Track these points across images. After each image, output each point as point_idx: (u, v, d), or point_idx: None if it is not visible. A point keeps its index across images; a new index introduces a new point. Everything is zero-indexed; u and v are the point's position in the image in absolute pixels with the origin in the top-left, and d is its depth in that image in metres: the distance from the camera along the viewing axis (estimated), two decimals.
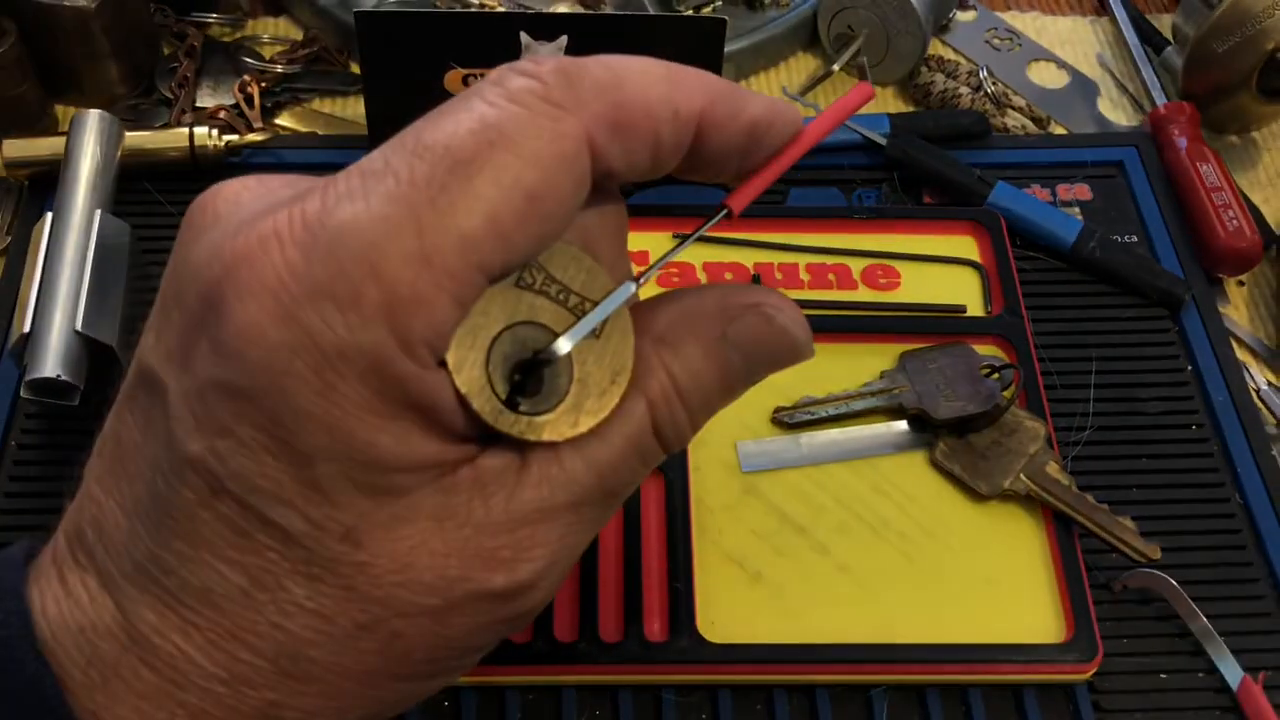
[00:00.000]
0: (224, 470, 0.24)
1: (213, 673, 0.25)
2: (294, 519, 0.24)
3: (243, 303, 0.23)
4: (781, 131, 0.29)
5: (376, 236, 0.23)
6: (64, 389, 0.45)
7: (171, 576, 0.25)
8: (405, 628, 0.26)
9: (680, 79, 0.27)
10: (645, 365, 0.28)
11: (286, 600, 0.25)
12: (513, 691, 0.42)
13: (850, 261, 0.53)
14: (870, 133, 0.58)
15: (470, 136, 0.24)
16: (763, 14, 0.65)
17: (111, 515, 0.26)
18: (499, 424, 0.26)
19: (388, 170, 0.24)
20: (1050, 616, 0.44)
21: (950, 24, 0.67)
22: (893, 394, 0.48)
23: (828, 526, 0.46)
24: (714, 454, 0.47)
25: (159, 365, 0.25)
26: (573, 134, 0.25)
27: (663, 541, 0.44)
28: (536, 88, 0.25)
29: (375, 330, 0.23)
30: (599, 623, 0.42)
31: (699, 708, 0.42)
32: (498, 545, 0.26)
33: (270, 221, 0.24)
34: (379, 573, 0.25)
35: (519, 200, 0.24)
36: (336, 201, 0.24)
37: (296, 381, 0.23)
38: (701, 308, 0.29)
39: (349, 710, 0.27)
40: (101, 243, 0.48)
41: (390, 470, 0.24)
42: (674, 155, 0.27)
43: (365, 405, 0.24)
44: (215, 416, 0.24)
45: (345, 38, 0.63)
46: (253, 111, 0.59)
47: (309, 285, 0.23)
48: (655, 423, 0.28)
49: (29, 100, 0.57)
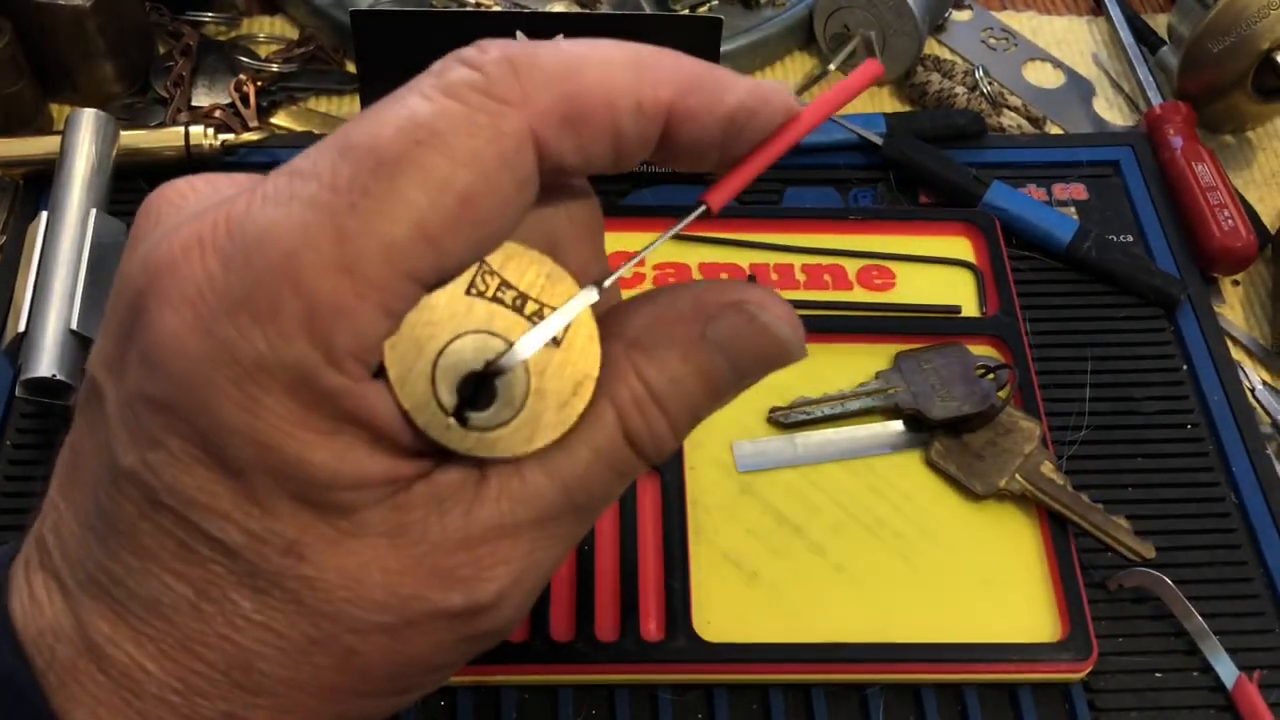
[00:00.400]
0: (158, 483, 0.23)
1: (165, 682, 0.25)
2: (232, 532, 0.23)
3: (163, 314, 0.23)
4: (768, 119, 0.26)
5: (294, 244, 0.22)
6: (59, 388, 0.45)
7: (120, 587, 0.24)
8: (360, 644, 0.25)
9: (647, 66, 0.24)
10: (615, 371, 0.26)
11: (234, 613, 0.24)
12: (509, 691, 0.42)
13: (845, 262, 0.53)
14: (866, 132, 0.58)
15: (397, 135, 0.23)
16: (759, 13, 0.65)
17: (68, 524, 0.25)
18: (447, 440, 0.24)
19: (314, 172, 0.23)
20: (1045, 616, 0.44)
21: (946, 24, 0.67)
22: (888, 394, 0.48)
23: (823, 526, 0.46)
24: (710, 454, 0.47)
25: (99, 373, 0.25)
26: (513, 132, 0.23)
27: (659, 541, 0.44)
28: (477, 80, 0.23)
29: (295, 343, 0.22)
30: (595, 622, 0.42)
31: (695, 707, 0.42)
32: (455, 564, 0.25)
33: (196, 226, 0.23)
34: (326, 588, 0.24)
35: (450, 204, 0.23)
36: (261, 205, 0.23)
37: (218, 395, 0.22)
38: (677, 308, 0.26)
39: None
40: (96, 242, 0.48)
41: (330, 487, 0.23)
42: (641, 148, 0.25)
43: (294, 420, 0.23)
44: (146, 429, 0.23)
45: (341, 37, 0.63)
46: (248, 111, 0.59)
47: (226, 297, 0.22)
48: (629, 432, 0.26)
49: (24, 99, 0.57)
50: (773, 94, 0.26)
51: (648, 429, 0.26)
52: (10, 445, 0.47)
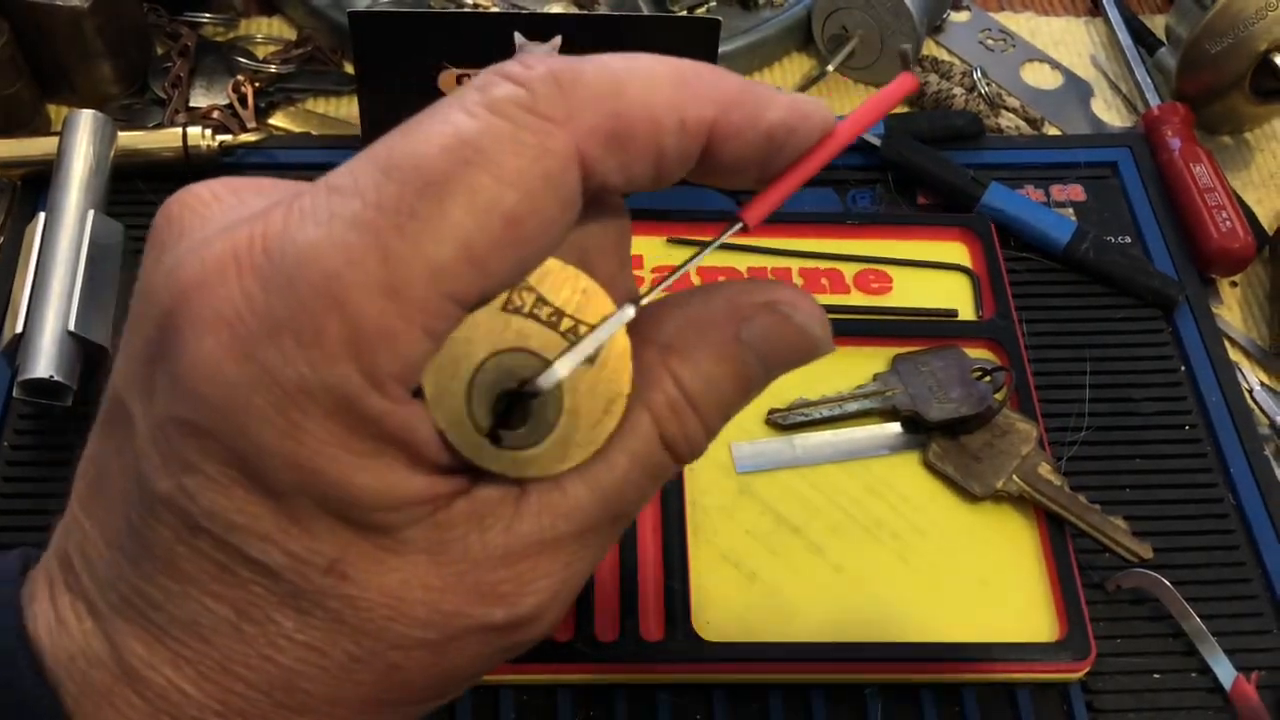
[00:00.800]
0: (196, 508, 0.23)
1: (206, 704, 0.24)
2: (273, 553, 0.23)
3: (198, 337, 0.22)
4: (806, 135, 0.26)
5: (339, 266, 0.21)
6: (57, 389, 0.45)
7: (157, 611, 0.24)
8: (402, 660, 0.25)
9: (690, 83, 0.24)
10: (650, 376, 0.26)
11: (276, 633, 0.24)
12: (508, 691, 0.42)
13: (843, 266, 0.53)
14: (865, 133, 0.58)
15: (444, 154, 0.22)
16: (757, 14, 0.65)
17: (95, 544, 0.25)
18: (481, 459, 0.24)
19: (355, 190, 0.22)
20: (1043, 616, 0.44)
21: (944, 25, 0.67)
22: (886, 396, 0.48)
23: (822, 527, 0.46)
24: (709, 455, 0.46)
25: (126, 393, 0.24)
26: (560, 151, 0.23)
27: (658, 542, 0.44)
28: (522, 97, 0.23)
29: (340, 367, 0.22)
30: (595, 622, 0.42)
31: (694, 707, 0.42)
32: (497, 579, 0.24)
33: (229, 243, 0.22)
34: (369, 606, 0.24)
35: (496, 225, 0.22)
36: (299, 224, 0.22)
37: (258, 420, 0.22)
38: (711, 311, 0.26)
39: None
40: (94, 243, 0.48)
41: (372, 508, 0.23)
42: (681, 167, 0.25)
43: (336, 443, 0.22)
44: (180, 453, 0.23)
45: (339, 38, 0.63)
46: (246, 111, 0.59)
47: (268, 320, 0.22)
48: (664, 436, 0.26)
49: (22, 100, 0.57)
50: (812, 110, 0.26)
51: (683, 432, 0.26)
52: (8, 446, 0.47)
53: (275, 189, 0.25)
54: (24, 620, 0.25)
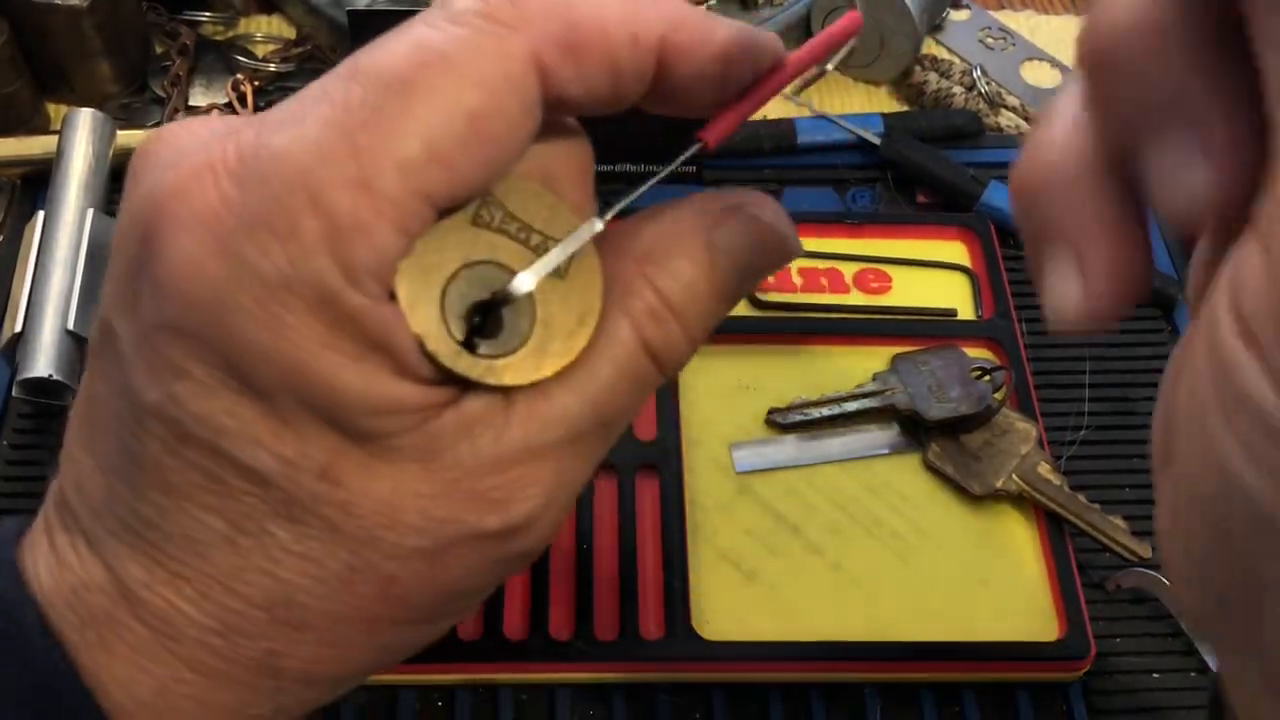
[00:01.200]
0: (185, 415, 0.23)
1: (206, 624, 0.24)
2: (264, 457, 0.23)
3: (177, 238, 0.22)
4: (757, 59, 0.27)
5: (311, 162, 0.22)
6: (56, 388, 0.45)
7: (152, 529, 0.24)
8: (398, 570, 0.25)
9: (638, 2, 0.25)
10: (628, 286, 0.26)
11: (272, 544, 0.24)
12: (506, 690, 0.42)
13: (842, 265, 0.53)
14: (864, 132, 0.58)
15: (407, 58, 0.23)
16: (756, 13, 0.65)
17: (90, 474, 0.25)
18: (456, 366, 0.24)
19: (323, 96, 0.23)
20: (1042, 616, 0.44)
21: (944, 23, 0.67)
22: (885, 395, 0.48)
23: (821, 526, 0.46)
24: (708, 455, 0.47)
25: (111, 314, 0.25)
26: (518, 53, 0.24)
27: (658, 541, 0.44)
28: (479, 6, 0.24)
29: (317, 259, 0.22)
30: (594, 621, 0.42)
31: (693, 706, 0.42)
32: (488, 486, 0.25)
33: (205, 155, 0.23)
34: (362, 513, 0.24)
35: (460, 122, 0.23)
36: (271, 130, 0.23)
37: (241, 316, 0.22)
38: (682, 220, 0.27)
39: (352, 658, 0.26)
40: (93, 242, 0.48)
41: (360, 411, 0.23)
42: (637, 83, 0.26)
43: (318, 339, 0.23)
44: (167, 359, 0.23)
45: (338, 36, 0.63)
46: (246, 110, 0.59)
47: (245, 216, 0.22)
48: (647, 343, 0.26)
49: (21, 99, 0.57)
50: (761, 36, 0.27)
51: (664, 338, 0.27)
52: (8, 445, 0.47)
53: (245, 119, 0.25)
54: (23, 572, 0.25)
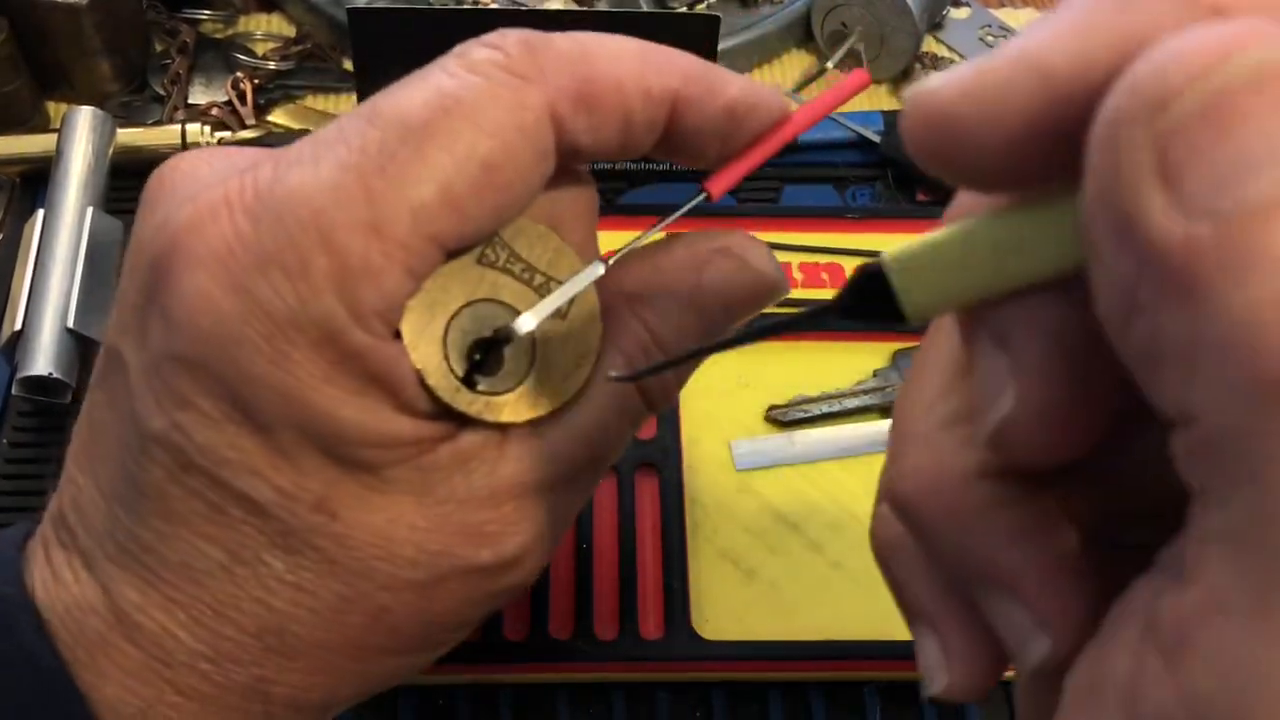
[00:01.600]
0: (189, 444, 0.24)
1: (197, 649, 0.25)
2: (263, 489, 0.24)
3: (191, 272, 0.23)
4: (763, 115, 0.27)
5: (326, 204, 0.23)
6: (56, 387, 0.45)
7: (150, 554, 0.25)
8: (390, 602, 0.25)
9: (653, 57, 0.26)
10: (620, 324, 0.27)
11: (267, 574, 0.25)
12: (506, 690, 0.42)
13: (843, 261, 0.53)
14: (864, 130, 0.58)
15: (425, 105, 0.24)
16: (756, 11, 0.65)
17: (89, 496, 0.26)
18: (455, 402, 0.25)
19: (340, 138, 0.24)
20: None
21: (944, 21, 0.67)
22: (886, 392, 0.48)
23: (821, 524, 0.46)
24: (708, 452, 0.47)
25: (119, 342, 0.25)
26: (533, 105, 0.24)
27: (657, 540, 0.44)
28: (498, 58, 0.24)
29: (325, 299, 0.23)
30: (593, 621, 0.42)
31: (693, 705, 0.42)
32: (482, 520, 0.25)
33: (221, 190, 0.24)
34: (357, 545, 0.25)
35: (474, 170, 0.23)
36: (287, 169, 0.23)
37: (249, 350, 0.23)
38: (673, 260, 0.28)
39: (340, 684, 0.26)
40: (93, 240, 0.48)
41: (358, 444, 0.24)
42: (647, 135, 0.26)
43: (321, 375, 0.23)
44: (174, 390, 0.23)
45: (338, 34, 0.62)
46: (245, 108, 0.59)
47: (258, 253, 0.23)
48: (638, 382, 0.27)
49: (21, 97, 0.57)
50: (766, 92, 0.27)
51: (655, 377, 0.27)
52: (7, 443, 0.47)
53: (263, 153, 0.26)
54: (25, 581, 0.26)
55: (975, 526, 0.20)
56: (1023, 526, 0.20)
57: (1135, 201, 0.14)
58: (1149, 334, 0.15)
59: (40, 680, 0.24)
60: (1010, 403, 0.18)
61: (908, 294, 0.19)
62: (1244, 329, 0.14)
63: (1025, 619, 0.20)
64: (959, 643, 0.21)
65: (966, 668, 0.21)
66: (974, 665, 0.21)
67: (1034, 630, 0.19)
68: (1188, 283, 0.14)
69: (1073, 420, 0.18)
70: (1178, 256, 0.14)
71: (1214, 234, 0.14)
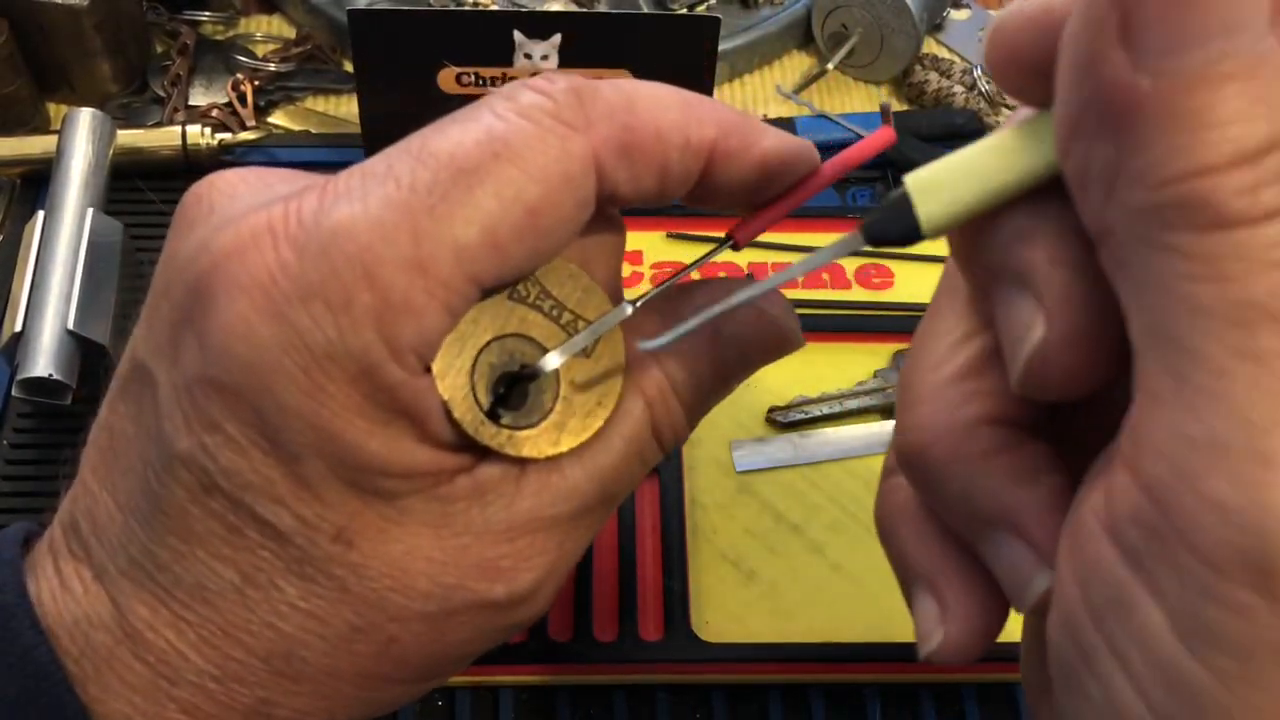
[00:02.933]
0: (214, 466, 0.24)
1: (204, 669, 0.25)
2: (284, 516, 0.24)
3: (231, 298, 0.23)
4: (796, 168, 0.28)
5: (372, 240, 0.23)
6: (56, 388, 0.45)
7: (164, 572, 0.25)
8: (401, 633, 0.26)
9: (694, 107, 0.26)
10: (640, 366, 0.27)
11: (280, 600, 0.25)
12: (507, 691, 0.42)
13: (844, 261, 0.53)
14: (864, 132, 0.58)
15: (476, 147, 0.24)
16: (756, 12, 0.65)
17: (105, 507, 0.26)
18: (479, 434, 0.25)
19: (389, 174, 0.24)
20: None
21: (944, 22, 0.67)
22: (886, 393, 0.48)
23: (821, 525, 0.46)
24: (708, 454, 0.47)
25: (149, 358, 0.25)
26: (580, 153, 0.25)
27: (657, 541, 0.44)
28: (547, 105, 0.25)
29: (365, 334, 0.23)
30: (593, 622, 0.42)
31: (693, 707, 0.42)
32: (497, 555, 0.26)
33: (265, 216, 0.24)
34: (372, 575, 0.25)
35: (519, 214, 0.24)
36: (334, 201, 0.24)
37: (284, 380, 0.23)
38: (692, 305, 0.28)
39: (340, 711, 0.26)
40: (93, 241, 0.48)
41: (381, 474, 0.24)
42: (683, 183, 0.27)
43: (353, 408, 0.23)
44: (204, 412, 0.24)
45: (339, 36, 0.63)
46: (246, 110, 0.59)
47: (301, 284, 0.23)
48: (654, 422, 0.27)
49: (21, 98, 0.57)
50: (801, 146, 0.28)
51: (669, 419, 0.28)
52: (8, 445, 0.47)
53: (299, 178, 0.26)
54: (26, 583, 0.26)
55: (980, 470, 0.23)
56: (1023, 468, 0.23)
57: (1095, 51, 0.18)
58: (1084, 157, 0.19)
59: (41, 690, 0.24)
60: (1040, 331, 0.21)
61: (925, 209, 0.23)
62: (1155, 165, 0.17)
63: (1026, 557, 0.22)
64: (956, 600, 0.24)
65: (962, 625, 0.24)
66: (969, 624, 0.24)
67: (1035, 567, 0.22)
68: (1120, 122, 0.18)
69: (1098, 342, 0.20)
70: (1119, 100, 0.18)
71: (1153, 88, 0.17)
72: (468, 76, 0.52)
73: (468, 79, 0.52)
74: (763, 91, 0.64)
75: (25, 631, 0.25)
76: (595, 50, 0.51)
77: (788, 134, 0.28)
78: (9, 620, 0.25)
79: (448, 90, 0.52)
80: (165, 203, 0.55)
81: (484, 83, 0.52)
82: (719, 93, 0.63)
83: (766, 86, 0.64)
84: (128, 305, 0.49)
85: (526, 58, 0.51)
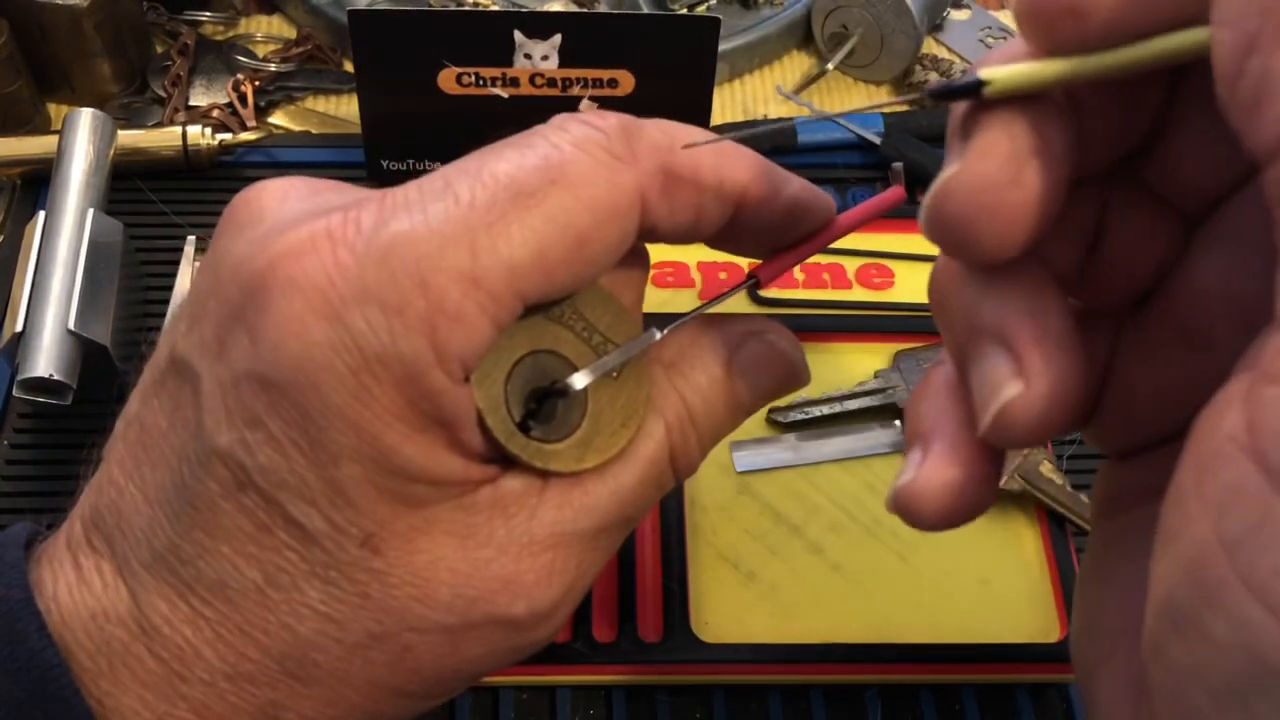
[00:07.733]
0: (252, 463, 0.24)
1: (217, 667, 0.25)
2: (315, 518, 0.24)
3: (288, 297, 0.24)
4: (816, 216, 0.29)
5: (430, 250, 0.24)
6: (57, 388, 0.45)
7: (188, 567, 0.25)
8: (417, 643, 0.26)
9: (729, 153, 0.27)
10: (660, 390, 0.28)
11: (300, 602, 0.25)
12: (507, 691, 0.42)
13: (844, 261, 0.53)
14: (864, 131, 0.58)
15: (535, 172, 0.25)
16: (756, 13, 0.65)
17: (132, 501, 0.26)
18: (510, 444, 0.26)
19: (448, 190, 0.25)
20: (1043, 616, 0.44)
21: (944, 23, 0.67)
22: (887, 394, 0.48)
23: (821, 526, 0.46)
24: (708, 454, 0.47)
25: (192, 354, 0.25)
26: (629, 187, 0.26)
27: (657, 541, 0.44)
28: (599, 138, 0.26)
29: (416, 340, 0.24)
30: (593, 623, 0.42)
31: (693, 708, 0.42)
32: (520, 570, 0.26)
33: (324, 223, 0.24)
34: (395, 583, 0.25)
35: (570, 240, 0.25)
36: (394, 212, 0.24)
37: (333, 379, 0.24)
38: (709, 336, 0.30)
39: (344, 719, 0.27)
40: (94, 242, 0.48)
41: (414, 479, 0.25)
42: (714, 224, 0.28)
43: (395, 412, 0.24)
44: (248, 408, 0.24)
45: (339, 36, 0.63)
46: (246, 110, 0.59)
47: (358, 287, 0.24)
48: (671, 448, 0.28)
49: (21, 98, 0.57)
50: (821, 195, 0.29)
51: (684, 447, 0.29)
52: (8, 445, 0.47)
53: (349, 190, 0.27)
54: (31, 581, 0.26)
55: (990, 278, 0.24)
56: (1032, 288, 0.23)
57: None
58: (1260, 72, 0.18)
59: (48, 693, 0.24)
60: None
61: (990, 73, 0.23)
62: None
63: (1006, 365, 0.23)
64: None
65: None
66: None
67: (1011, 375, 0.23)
68: None
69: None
70: None
71: None
72: (468, 77, 0.52)
73: (468, 79, 0.52)
74: (763, 91, 0.64)
75: (32, 634, 0.25)
76: (595, 50, 0.51)
77: (809, 183, 0.29)
78: (15, 623, 0.25)
79: (448, 90, 0.52)
80: (166, 203, 0.55)
81: (484, 83, 0.52)
82: (719, 92, 0.63)
83: (766, 86, 0.64)
84: (128, 306, 0.49)
85: (526, 58, 0.51)
